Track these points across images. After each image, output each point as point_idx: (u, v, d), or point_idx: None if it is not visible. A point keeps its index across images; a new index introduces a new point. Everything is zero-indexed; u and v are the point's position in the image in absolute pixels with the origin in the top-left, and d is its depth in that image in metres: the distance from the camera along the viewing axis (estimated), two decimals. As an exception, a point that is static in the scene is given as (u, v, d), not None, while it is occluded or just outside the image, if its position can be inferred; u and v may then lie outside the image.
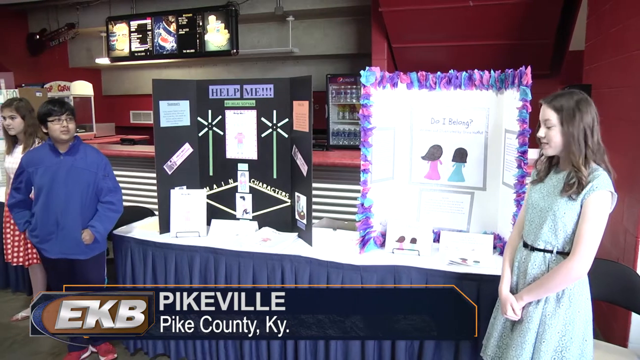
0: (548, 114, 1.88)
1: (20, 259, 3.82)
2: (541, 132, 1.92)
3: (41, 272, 3.90)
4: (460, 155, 2.85)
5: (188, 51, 7.16)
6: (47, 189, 3.01)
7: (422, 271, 2.60)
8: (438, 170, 2.90)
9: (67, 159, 3.04)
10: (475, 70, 2.73)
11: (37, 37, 8.75)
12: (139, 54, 7.56)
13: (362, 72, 2.73)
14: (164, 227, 3.24)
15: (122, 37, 7.63)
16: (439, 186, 2.92)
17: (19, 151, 3.71)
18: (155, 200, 3.30)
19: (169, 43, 7.24)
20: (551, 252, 1.93)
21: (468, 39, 5.80)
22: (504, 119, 2.66)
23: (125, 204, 3.27)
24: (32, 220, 3.09)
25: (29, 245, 3.75)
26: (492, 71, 2.69)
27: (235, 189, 3.34)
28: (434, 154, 2.90)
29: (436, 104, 2.86)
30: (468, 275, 2.50)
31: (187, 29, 7.08)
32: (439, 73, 2.82)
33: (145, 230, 3.35)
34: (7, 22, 8.50)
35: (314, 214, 3.02)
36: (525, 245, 2.03)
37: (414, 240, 2.76)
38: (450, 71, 2.79)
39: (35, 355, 3.53)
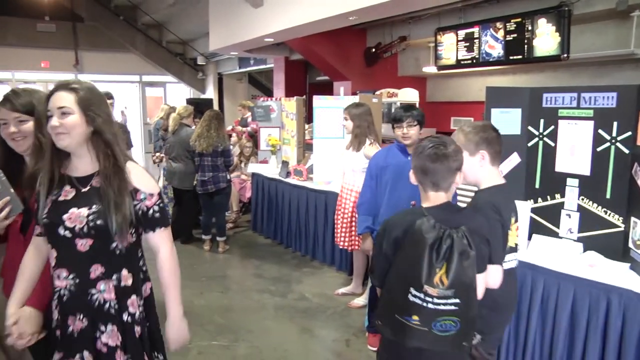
0: None
1: (345, 244, 4.31)
2: None
3: (362, 259, 4.34)
4: None
5: (515, 57, 6.95)
6: (392, 186, 3.31)
7: None
8: None
9: None
10: None
11: (373, 50, 9.67)
12: (465, 61, 7.67)
13: None
14: (483, 235, 3.21)
15: (450, 46, 7.84)
16: None
17: (350, 150, 4.22)
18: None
19: (495, 50, 7.15)
20: None
21: None
22: None
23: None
24: (372, 227, 3.42)
25: (353, 233, 4.20)
26: None
27: (561, 205, 3.10)
28: None
29: None
30: None
31: (515, 35, 6.85)
32: None
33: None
34: (350, 39, 9.63)
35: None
36: None
37: None
38: None
39: (348, 328, 3.96)
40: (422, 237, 1.77)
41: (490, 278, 2.00)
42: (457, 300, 1.77)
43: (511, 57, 7.01)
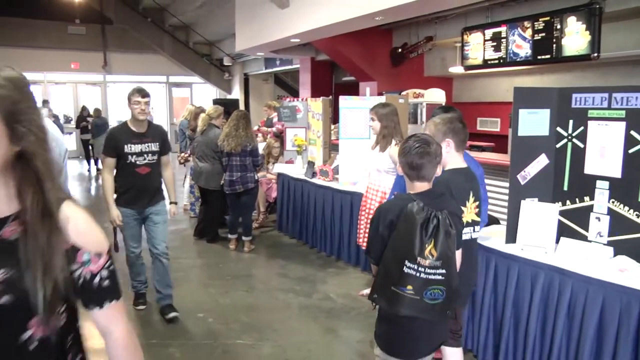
0: None
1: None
2: None
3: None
4: None
5: (543, 57, 6.84)
6: None
7: None
8: None
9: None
10: None
11: (399, 50, 9.63)
12: (492, 61, 7.58)
13: None
14: (511, 237, 3.18)
15: (476, 46, 7.76)
16: None
17: (376, 151, 4.21)
18: (499, 208, 3.26)
19: (523, 49, 7.05)
20: None
21: None
22: None
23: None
24: None
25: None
26: None
27: (590, 208, 3.03)
28: None
29: None
30: None
31: (543, 34, 6.74)
32: None
33: (490, 237, 3.34)
34: (376, 39, 9.60)
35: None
36: None
37: None
38: None
39: (372, 328, 3.89)
40: (414, 218, 2.05)
41: None
42: (444, 271, 2.06)
43: (539, 57, 6.90)
